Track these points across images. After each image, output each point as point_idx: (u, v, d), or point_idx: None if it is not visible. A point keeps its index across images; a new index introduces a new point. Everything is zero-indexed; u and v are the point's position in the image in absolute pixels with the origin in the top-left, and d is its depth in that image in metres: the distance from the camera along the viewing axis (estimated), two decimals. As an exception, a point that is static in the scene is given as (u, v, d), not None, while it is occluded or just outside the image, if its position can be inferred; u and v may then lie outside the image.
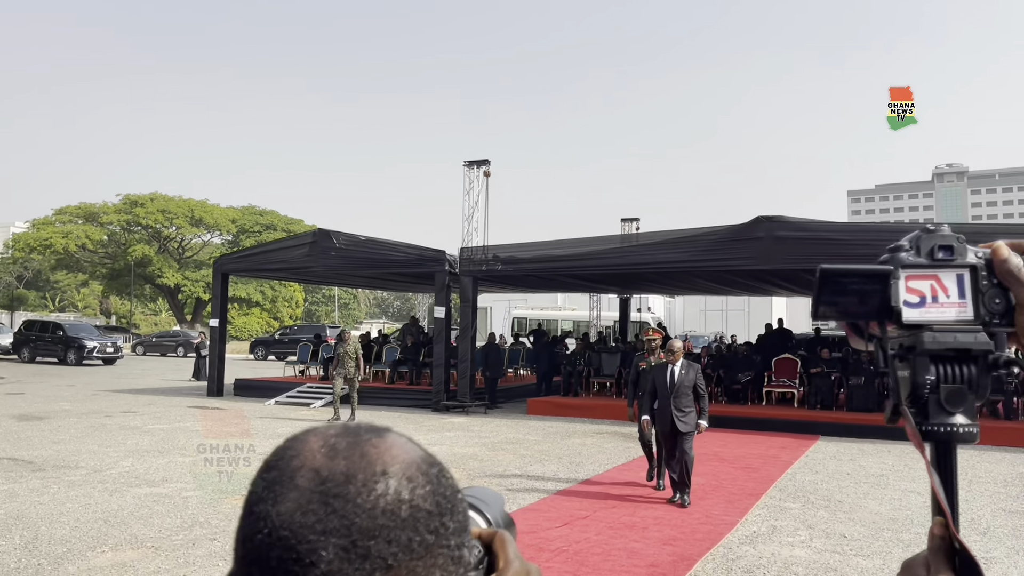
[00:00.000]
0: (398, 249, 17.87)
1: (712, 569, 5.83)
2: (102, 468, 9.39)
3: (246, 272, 21.46)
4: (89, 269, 59.89)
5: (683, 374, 7.93)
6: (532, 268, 16.70)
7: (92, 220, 54.93)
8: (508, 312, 37.37)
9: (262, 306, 59.84)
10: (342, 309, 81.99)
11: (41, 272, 73.13)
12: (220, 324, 19.85)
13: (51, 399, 17.59)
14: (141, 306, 69.41)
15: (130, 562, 5.68)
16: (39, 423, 13.41)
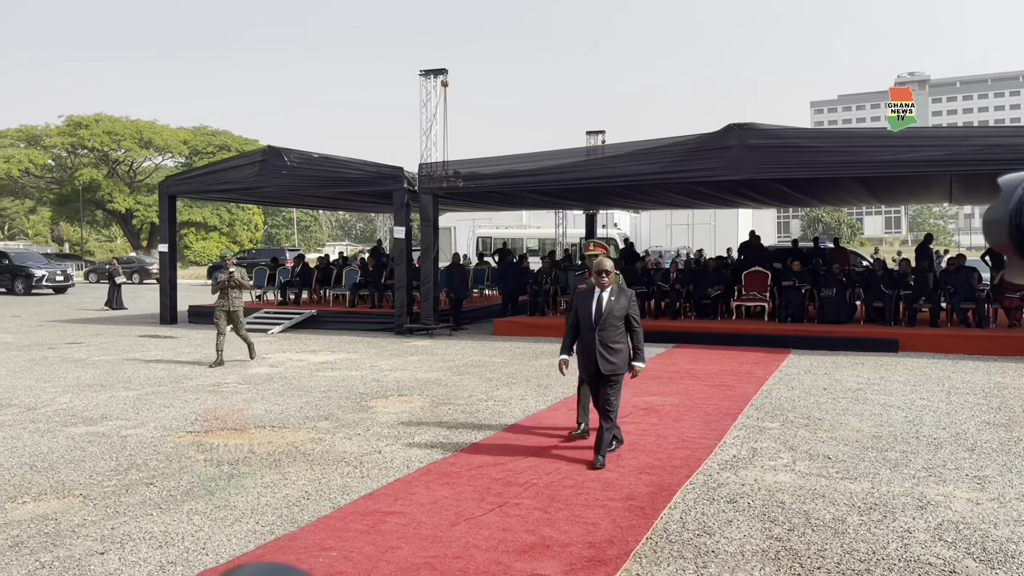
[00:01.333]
0: (353, 167, 16.97)
1: (693, 500, 5.43)
2: (36, 406, 8.75)
3: (194, 194, 20.40)
4: (36, 195, 57.73)
5: (612, 301, 6.30)
6: (495, 184, 15.97)
7: (35, 143, 52.57)
8: (472, 232, 36.67)
9: (220, 230, 58.35)
10: (303, 232, 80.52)
11: (-13, 200, 70.36)
12: (170, 249, 18.93)
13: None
14: (95, 233, 67.35)
15: (52, 514, 5.11)
16: (-25, 358, 12.63)
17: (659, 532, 4.82)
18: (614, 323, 6.28)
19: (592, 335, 6.30)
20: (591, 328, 6.30)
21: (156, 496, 5.51)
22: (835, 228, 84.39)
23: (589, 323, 6.32)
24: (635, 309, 6.42)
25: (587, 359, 6.39)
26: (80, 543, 4.61)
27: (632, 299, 6.40)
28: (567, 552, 4.47)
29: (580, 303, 6.43)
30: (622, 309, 6.33)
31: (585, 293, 6.44)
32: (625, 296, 6.38)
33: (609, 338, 6.27)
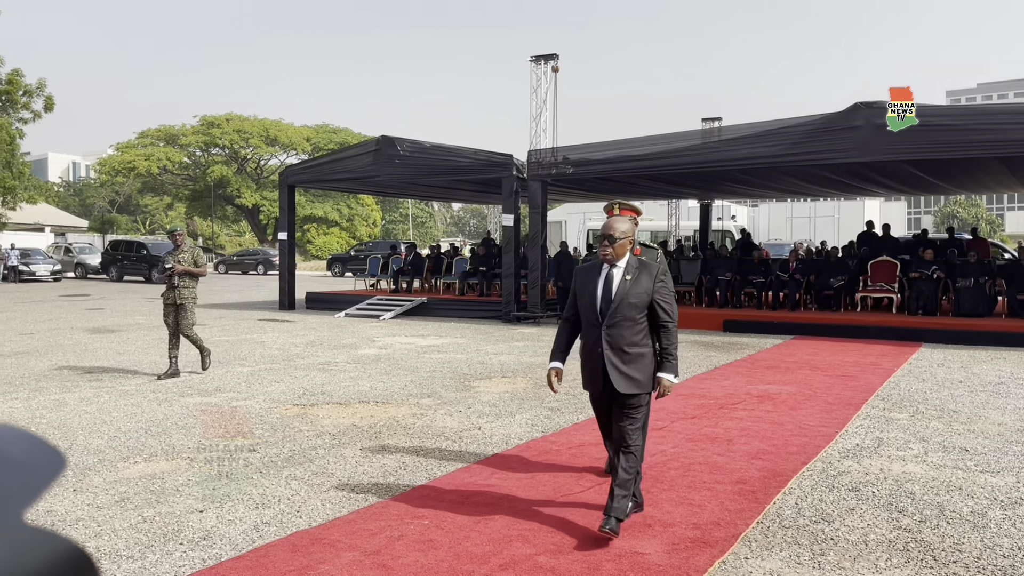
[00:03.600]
0: (463, 154, 17.02)
1: (811, 487, 5.02)
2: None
3: (312, 183, 21.02)
4: (173, 191, 61.24)
5: (627, 281, 4.19)
6: (605, 170, 15.64)
7: (172, 142, 55.76)
8: (583, 224, 36.36)
9: (340, 225, 60.27)
10: (418, 227, 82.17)
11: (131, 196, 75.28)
12: (289, 237, 19.56)
13: (128, 314, 17.74)
14: (225, 227, 70.91)
15: (160, 473, 5.23)
16: (109, 335, 13.38)
17: (771, 517, 4.46)
18: (630, 315, 4.15)
19: (597, 334, 4.19)
20: (595, 323, 4.20)
21: (258, 461, 5.56)
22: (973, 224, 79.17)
23: (593, 315, 4.22)
24: (666, 293, 4.23)
25: (591, 370, 4.26)
26: (182, 501, 4.68)
27: (661, 277, 4.23)
28: (670, 532, 4.19)
29: (580, 284, 4.35)
30: (643, 294, 4.16)
31: (587, 270, 4.34)
32: (648, 274, 4.20)
33: (623, 338, 4.14)
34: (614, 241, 4.17)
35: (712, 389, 8.57)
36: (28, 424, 6.67)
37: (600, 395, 4.34)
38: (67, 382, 8.81)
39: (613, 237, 4.17)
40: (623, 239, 4.20)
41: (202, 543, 4.00)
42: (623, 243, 4.21)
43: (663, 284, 4.24)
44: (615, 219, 4.25)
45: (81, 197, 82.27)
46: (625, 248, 4.23)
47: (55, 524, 4.26)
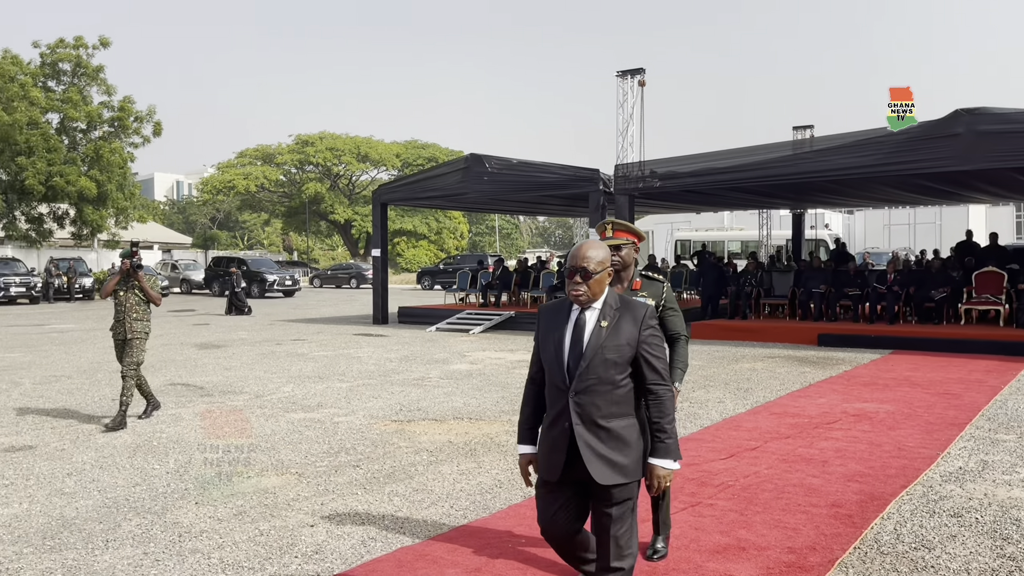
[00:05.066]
0: (550, 170, 17.24)
1: (910, 511, 4.95)
2: (264, 393, 9.59)
3: (403, 201, 21.63)
4: (270, 208, 63.67)
5: (602, 329, 3.05)
6: (693, 183, 15.58)
7: (269, 161, 58.05)
8: (671, 235, 36.06)
9: (428, 238, 61.46)
10: (504, 239, 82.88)
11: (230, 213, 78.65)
12: (382, 253, 20.16)
13: (232, 329, 18.60)
14: (319, 241, 73.23)
15: (272, 488, 5.56)
16: (216, 351, 14.09)
17: (869, 542, 4.43)
18: (608, 375, 3.00)
19: (563, 401, 3.06)
20: (561, 386, 3.06)
21: (361, 477, 5.83)
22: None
23: (558, 375, 3.07)
24: (654, 344, 3.08)
25: (550, 450, 3.11)
26: (293, 515, 4.97)
27: (647, 319, 3.05)
28: (764, 556, 4.22)
29: (543, 331, 3.19)
30: (623, 346, 3.02)
31: (553, 311, 3.19)
32: (631, 318, 3.04)
33: (597, 408, 3.02)
34: (588, 276, 2.99)
35: (807, 407, 8.46)
36: (148, 439, 7.16)
37: (559, 484, 3.11)
38: (181, 397, 9.37)
39: (586, 270, 2.98)
40: (598, 272, 3.00)
41: (315, 557, 4.26)
42: (599, 278, 3.02)
43: (652, 332, 3.05)
44: (588, 245, 3.06)
45: (185, 215, 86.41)
46: (603, 285, 3.04)
47: (181, 535, 4.61)
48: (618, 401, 3.04)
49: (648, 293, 4.02)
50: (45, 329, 18.74)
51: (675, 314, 4.09)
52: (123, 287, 7.81)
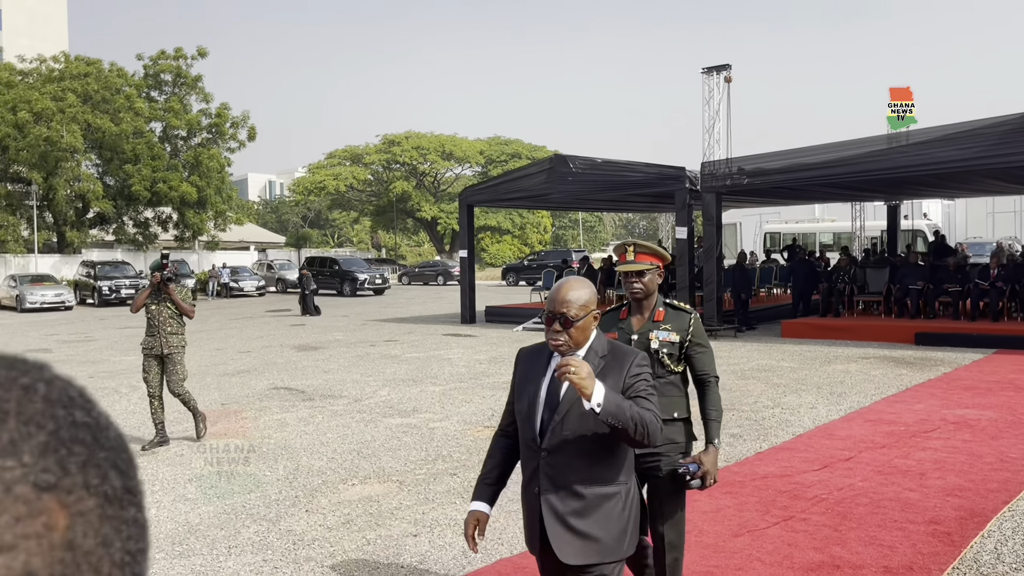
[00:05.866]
0: (635, 169, 17.21)
1: (1011, 529, 4.87)
2: (362, 398, 9.99)
3: (489, 202, 21.95)
4: (358, 207, 65.22)
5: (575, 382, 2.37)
6: (782, 179, 15.31)
7: (357, 161, 59.47)
8: (759, 227, 35.31)
9: (512, 233, 61.89)
10: (588, 232, 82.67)
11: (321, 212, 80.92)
12: (468, 254, 20.52)
13: (327, 330, 19.29)
14: (406, 239, 74.67)
15: (376, 496, 5.86)
16: (314, 353, 14.68)
17: (968, 562, 4.40)
18: (585, 432, 2.55)
19: (535, 462, 2.65)
20: (533, 445, 2.65)
21: (459, 486, 6.08)
22: None
23: (530, 432, 2.66)
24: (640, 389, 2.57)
25: (528, 519, 2.72)
26: (397, 525, 5.25)
27: (634, 366, 2.60)
28: (859, 575, 4.25)
29: (519, 378, 2.78)
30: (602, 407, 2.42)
31: (532, 356, 2.78)
32: (617, 368, 2.60)
33: (572, 471, 2.58)
34: (568, 323, 2.53)
35: (903, 414, 8.30)
36: (258, 444, 7.60)
37: (547, 565, 2.69)
38: (285, 402, 9.86)
39: (566, 317, 2.52)
40: (581, 317, 2.54)
41: (419, 568, 4.52)
42: (582, 324, 2.55)
43: (640, 377, 2.57)
44: (569, 286, 2.59)
45: (278, 214, 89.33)
46: (587, 331, 2.59)
47: (295, 543, 4.94)
48: (600, 463, 2.55)
49: (672, 326, 3.51)
50: (155, 331, 19.84)
51: (703, 351, 3.52)
52: (155, 300, 7.49)
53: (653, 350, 3.46)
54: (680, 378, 3.55)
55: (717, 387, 3.57)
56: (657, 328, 3.52)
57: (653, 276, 3.54)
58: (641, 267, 3.51)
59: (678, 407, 3.51)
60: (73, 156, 32.70)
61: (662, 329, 3.52)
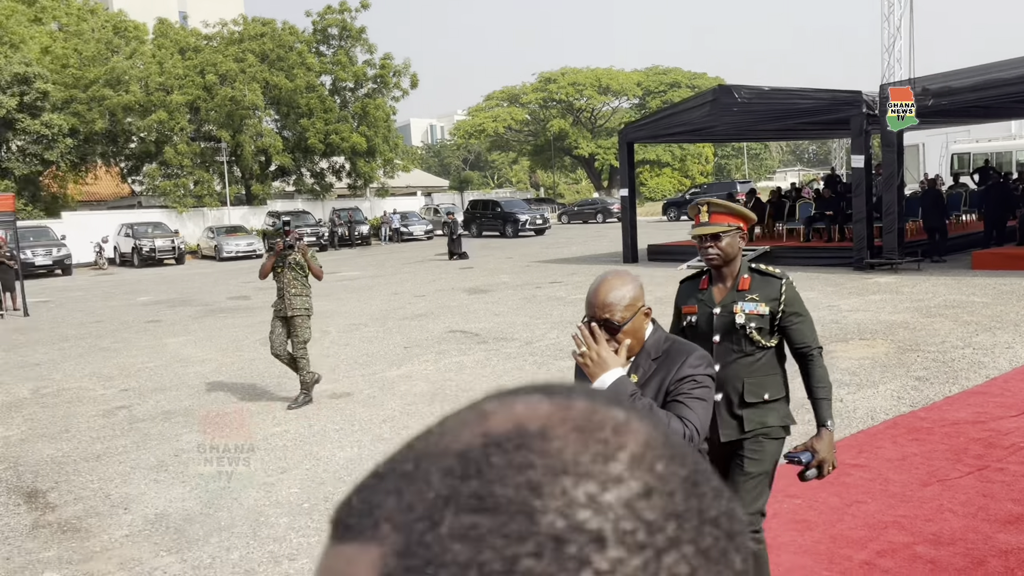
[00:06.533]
0: (806, 96, 16.34)
1: None
2: (532, 340, 10.34)
3: (649, 138, 21.60)
4: (516, 147, 65.79)
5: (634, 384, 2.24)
6: (973, 98, 14.07)
7: (514, 101, 59.79)
8: (945, 148, 32.57)
9: (672, 166, 60.48)
10: (752, 160, 79.31)
11: (480, 154, 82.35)
12: (629, 193, 20.37)
13: (493, 272, 19.88)
14: (564, 177, 74.74)
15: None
16: (484, 296, 15.23)
17: None
18: None
19: None
20: None
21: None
22: None
23: None
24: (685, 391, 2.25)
25: None
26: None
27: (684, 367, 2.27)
28: (1063, 530, 4.06)
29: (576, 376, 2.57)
30: None
31: None
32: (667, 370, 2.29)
33: None
34: (615, 330, 2.23)
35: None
36: (440, 387, 8.09)
37: None
38: (461, 344, 10.37)
39: (611, 323, 2.23)
40: (628, 319, 2.24)
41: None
42: (634, 327, 2.25)
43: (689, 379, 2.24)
44: (608, 285, 2.28)
45: (440, 158, 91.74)
46: (639, 334, 2.29)
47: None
48: None
49: (760, 295, 3.07)
50: (337, 277, 21.18)
51: (801, 321, 3.10)
52: (279, 265, 7.54)
53: (739, 325, 3.04)
54: (774, 353, 3.11)
55: (822, 360, 3.13)
56: (742, 299, 3.08)
57: (733, 239, 3.09)
58: (716, 229, 3.07)
59: (770, 387, 3.07)
60: (255, 113, 35.01)
61: (748, 300, 3.08)
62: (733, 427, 3.05)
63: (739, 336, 3.05)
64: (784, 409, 3.13)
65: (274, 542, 4.59)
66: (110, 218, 33.34)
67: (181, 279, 23.33)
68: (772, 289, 3.08)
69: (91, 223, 32.04)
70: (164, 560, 4.45)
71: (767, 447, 3.04)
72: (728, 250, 3.08)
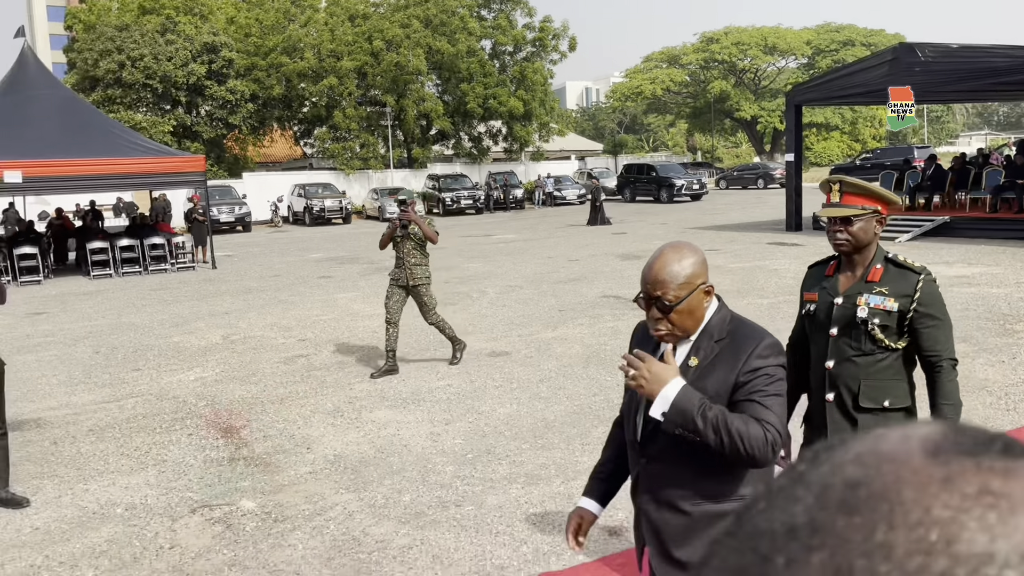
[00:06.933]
0: (1001, 54, 15.00)
1: None
2: (689, 308, 10.23)
3: (820, 101, 20.56)
4: (674, 110, 64.29)
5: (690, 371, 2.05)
6: None
7: (674, 63, 58.34)
8: None
9: (841, 129, 57.20)
10: (932, 123, 73.59)
11: (636, 117, 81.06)
12: (796, 158, 19.54)
13: (647, 238, 19.69)
14: (723, 140, 72.37)
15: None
16: (638, 262, 15.14)
17: None
18: (688, 440, 1.95)
19: (637, 468, 2.18)
20: (634, 446, 2.18)
21: (795, 402, 6.12)
22: None
23: (631, 430, 2.20)
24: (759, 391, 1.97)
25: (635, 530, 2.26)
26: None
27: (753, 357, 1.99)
28: None
29: None
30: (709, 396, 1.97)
31: (645, 335, 2.22)
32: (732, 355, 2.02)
33: (675, 483, 2.06)
34: (666, 309, 2.02)
35: None
36: (596, 350, 8.20)
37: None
38: (615, 309, 10.42)
39: (662, 302, 2.02)
40: (683, 298, 2.02)
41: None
42: (688, 306, 2.03)
43: (760, 372, 1.98)
44: (664, 259, 2.06)
45: (594, 121, 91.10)
46: (696, 312, 2.05)
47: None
48: (710, 476, 2.02)
49: (890, 290, 2.72)
50: (492, 239, 21.70)
51: (934, 325, 2.71)
52: (400, 236, 7.60)
53: (860, 319, 2.72)
54: (901, 356, 2.76)
55: (954, 373, 2.71)
56: (869, 291, 2.74)
57: (867, 224, 2.73)
58: (848, 212, 2.73)
59: (892, 393, 2.75)
60: (418, 78, 36.08)
61: (875, 292, 2.73)
62: (846, 432, 2.62)
63: (859, 332, 2.74)
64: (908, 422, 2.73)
65: (441, 488, 4.89)
66: (284, 179, 35.58)
67: (348, 237, 24.64)
68: (906, 284, 2.72)
69: (267, 183, 34.34)
70: (344, 497, 4.84)
71: None
72: (860, 236, 2.74)
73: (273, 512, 4.68)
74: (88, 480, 5.33)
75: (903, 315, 2.70)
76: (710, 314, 2.08)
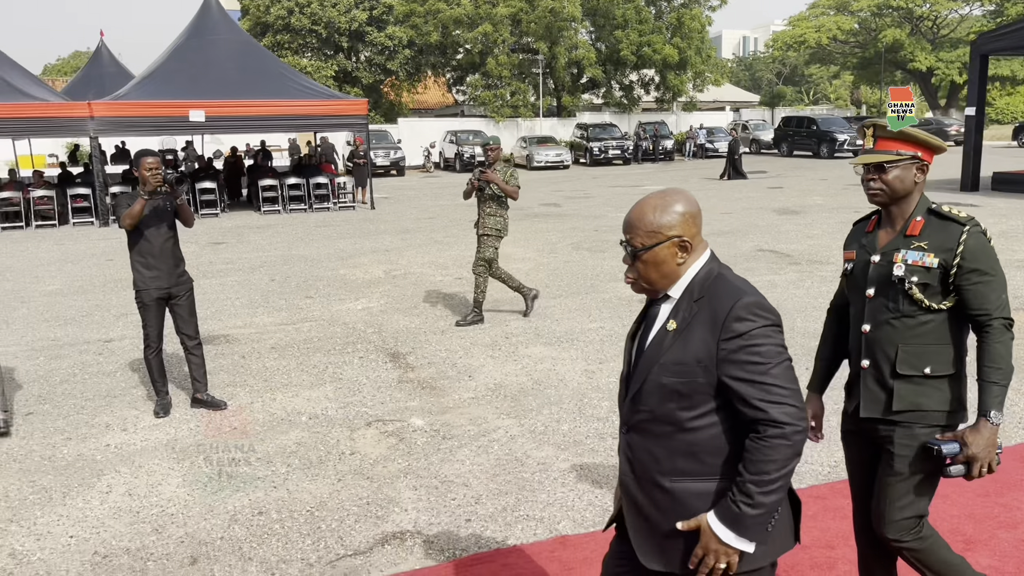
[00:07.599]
0: None
1: None
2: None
3: (1011, 50, 18.86)
4: (840, 60, 60.58)
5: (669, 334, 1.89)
6: None
7: (843, 10, 54.76)
8: None
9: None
10: None
11: (796, 68, 77.05)
12: (977, 112, 18.12)
13: (805, 193, 18.93)
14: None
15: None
16: (795, 217, 14.64)
17: None
18: (666, 412, 1.88)
19: (622, 439, 2.05)
20: (621, 411, 2.06)
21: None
22: None
23: (621, 394, 2.06)
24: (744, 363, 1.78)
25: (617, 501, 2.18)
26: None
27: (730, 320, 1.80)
28: None
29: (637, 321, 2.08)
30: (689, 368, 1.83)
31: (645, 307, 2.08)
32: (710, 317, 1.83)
33: (654, 459, 1.93)
34: (635, 255, 1.93)
35: None
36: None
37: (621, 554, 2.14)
38: (771, 264, 10.18)
39: (631, 245, 1.94)
40: (648, 246, 1.91)
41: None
42: (653, 256, 1.91)
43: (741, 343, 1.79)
44: (644, 203, 1.94)
45: (751, 71, 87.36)
46: (663, 265, 1.91)
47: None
48: (689, 452, 1.88)
49: (930, 244, 2.46)
50: (640, 190, 21.48)
51: (983, 281, 2.41)
52: (482, 190, 7.56)
53: (896, 278, 2.47)
54: (947, 318, 2.47)
55: (1007, 334, 2.41)
56: (907, 246, 2.48)
57: (905, 172, 2.48)
58: (881, 157, 2.48)
59: (935, 359, 2.48)
60: (571, 25, 35.75)
61: (913, 248, 2.47)
62: (880, 402, 2.52)
63: (896, 292, 2.48)
64: (952, 391, 2.48)
65: (598, 421, 5.07)
66: (437, 125, 36.42)
67: (497, 184, 25.03)
68: (948, 237, 2.43)
69: (420, 130, 35.28)
70: (505, 422, 5.11)
71: (922, 433, 2.48)
72: (896, 185, 2.48)
73: (441, 430, 5.01)
74: (275, 391, 5.87)
75: (946, 271, 2.43)
76: (693, 272, 1.92)
